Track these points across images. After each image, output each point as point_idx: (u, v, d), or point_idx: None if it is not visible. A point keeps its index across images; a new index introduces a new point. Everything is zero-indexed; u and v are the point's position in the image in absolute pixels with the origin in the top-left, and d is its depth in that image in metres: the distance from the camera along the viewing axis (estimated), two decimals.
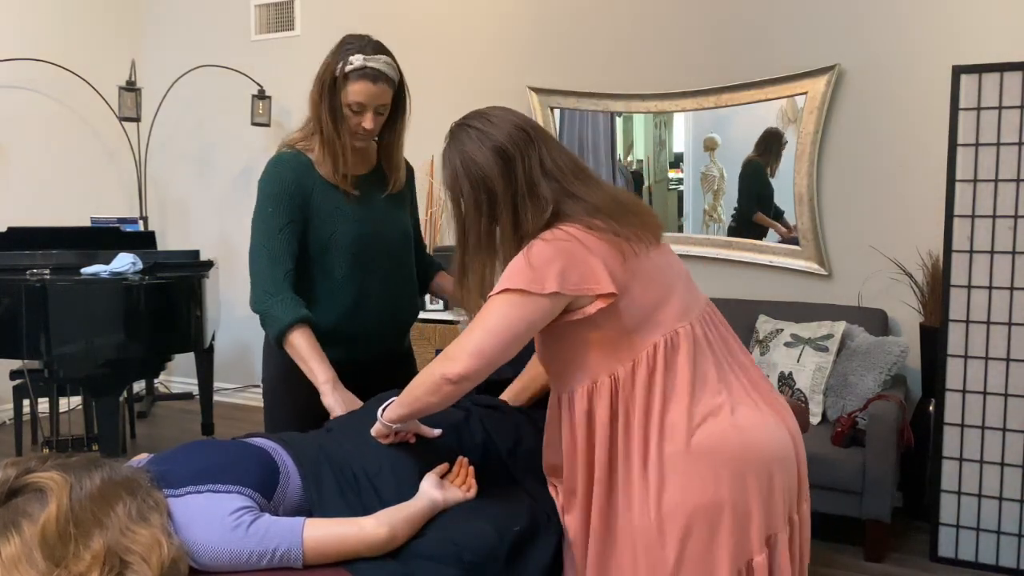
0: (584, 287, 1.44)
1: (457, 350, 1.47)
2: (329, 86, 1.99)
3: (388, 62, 1.97)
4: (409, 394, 1.57)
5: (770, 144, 3.75)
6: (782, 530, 1.51)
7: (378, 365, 2.14)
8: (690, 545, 1.44)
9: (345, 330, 2.07)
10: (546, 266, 1.43)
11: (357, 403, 1.92)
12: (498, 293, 1.47)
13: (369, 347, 2.12)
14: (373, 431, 1.67)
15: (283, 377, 2.06)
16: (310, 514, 1.56)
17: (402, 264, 2.16)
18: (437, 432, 1.72)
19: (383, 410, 1.64)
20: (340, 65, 1.97)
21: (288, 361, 1.98)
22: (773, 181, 3.76)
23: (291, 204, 2.00)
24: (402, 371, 2.21)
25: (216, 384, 5.18)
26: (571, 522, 1.60)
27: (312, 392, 1.93)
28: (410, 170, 2.26)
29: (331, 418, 1.89)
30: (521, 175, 1.52)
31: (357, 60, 1.95)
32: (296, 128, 2.18)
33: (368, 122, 1.97)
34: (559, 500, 1.64)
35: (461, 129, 1.61)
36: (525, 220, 1.51)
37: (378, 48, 1.98)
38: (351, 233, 2.04)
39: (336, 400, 1.89)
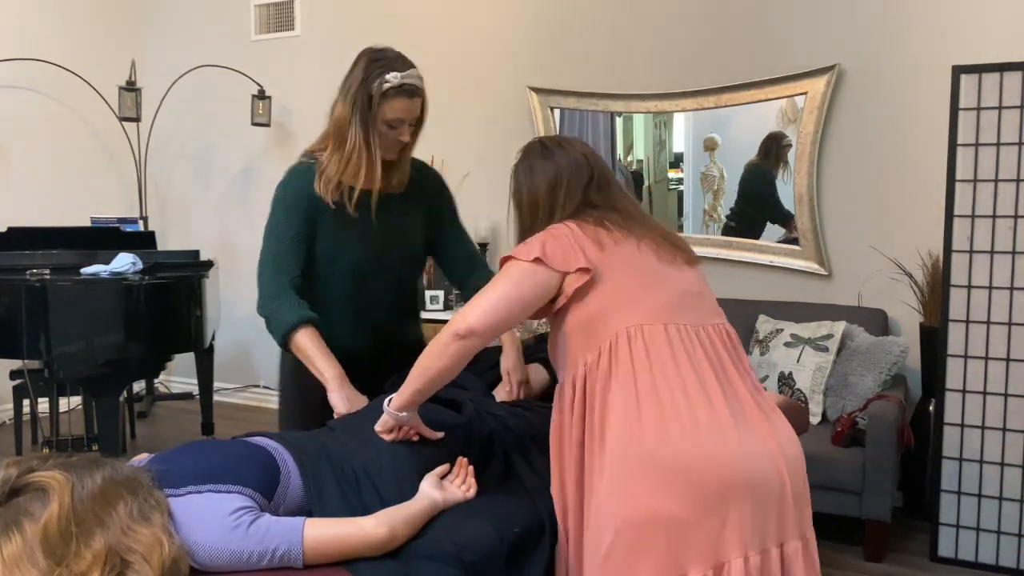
0: (561, 260, 1.55)
1: (463, 312, 1.57)
2: (364, 105, 1.95)
3: (418, 75, 1.99)
4: (418, 367, 1.61)
5: (770, 147, 3.75)
6: (737, 558, 1.41)
7: (379, 380, 2.13)
8: (616, 551, 1.43)
9: (345, 346, 2.07)
10: (534, 242, 1.60)
11: (362, 401, 1.92)
12: (502, 266, 1.62)
13: (370, 362, 2.12)
14: (378, 424, 1.69)
15: (296, 376, 2.09)
16: (311, 514, 1.56)
17: (404, 284, 2.18)
18: (440, 435, 1.72)
19: (390, 400, 1.65)
20: (376, 84, 1.93)
21: (300, 363, 2.01)
22: (780, 184, 3.76)
23: (302, 215, 2.04)
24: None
25: (216, 384, 5.17)
26: (558, 519, 1.63)
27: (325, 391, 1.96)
28: (438, 178, 2.25)
29: (335, 416, 1.89)
30: (562, 198, 1.70)
31: (394, 78, 1.92)
32: (291, 129, 2.17)
33: (405, 135, 2.00)
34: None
35: (539, 148, 1.83)
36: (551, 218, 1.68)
37: (407, 62, 1.98)
38: (356, 252, 2.05)
39: (340, 398, 1.91)
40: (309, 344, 1.95)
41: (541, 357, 2.16)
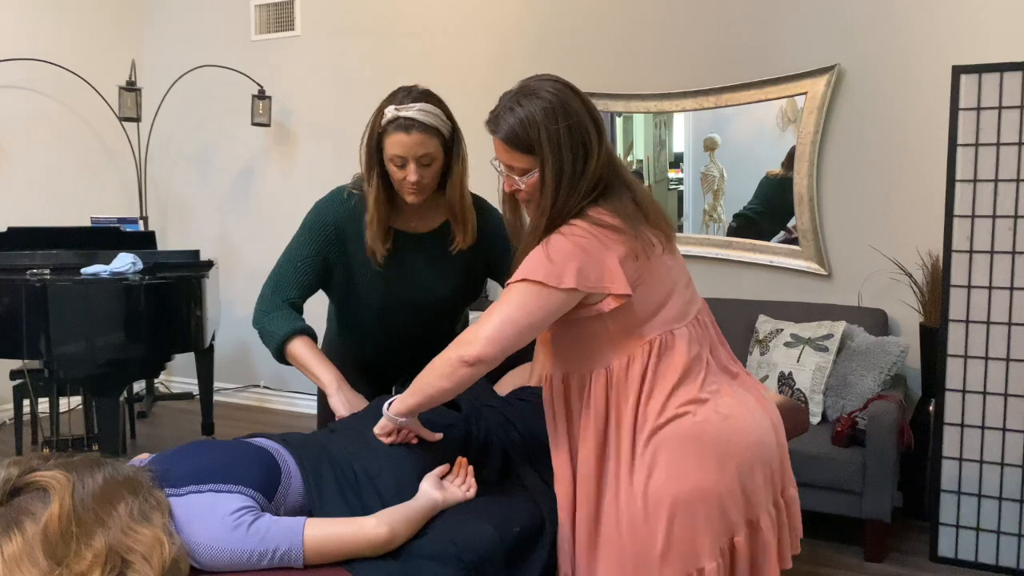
0: (600, 285, 1.47)
1: (473, 335, 1.49)
2: (376, 142, 1.89)
3: (424, 109, 1.84)
4: (420, 380, 1.57)
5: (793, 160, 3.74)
6: (764, 514, 1.56)
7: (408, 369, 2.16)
8: (675, 530, 1.48)
9: (364, 362, 2.10)
10: (565, 262, 1.46)
11: (362, 402, 1.93)
12: (517, 282, 1.49)
13: (398, 368, 2.15)
14: (377, 428, 1.68)
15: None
16: (311, 514, 1.56)
17: (434, 329, 2.12)
18: (438, 436, 1.72)
19: (389, 405, 1.64)
20: (378, 118, 1.87)
21: (340, 355, 2.05)
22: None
23: (324, 242, 1.98)
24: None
25: (216, 384, 5.18)
26: (560, 511, 1.64)
27: (368, 387, 2.00)
28: (497, 216, 2.08)
29: (335, 419, 1.91)
30: (603, 153, 1.54)
31: (390, 112, 1.84)
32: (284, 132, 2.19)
33: (412, 175, 1.85)
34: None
35: (549, 84, 1.53)
36: (579, 195, 1.51)
37: (418, 97, 1.85)
38: (380, 293, 2.02)
39: (340, 401, 1.91)
40: (303, 352, 1.94)
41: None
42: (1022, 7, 3.28)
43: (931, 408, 3.23)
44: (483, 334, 1.48)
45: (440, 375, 1.53)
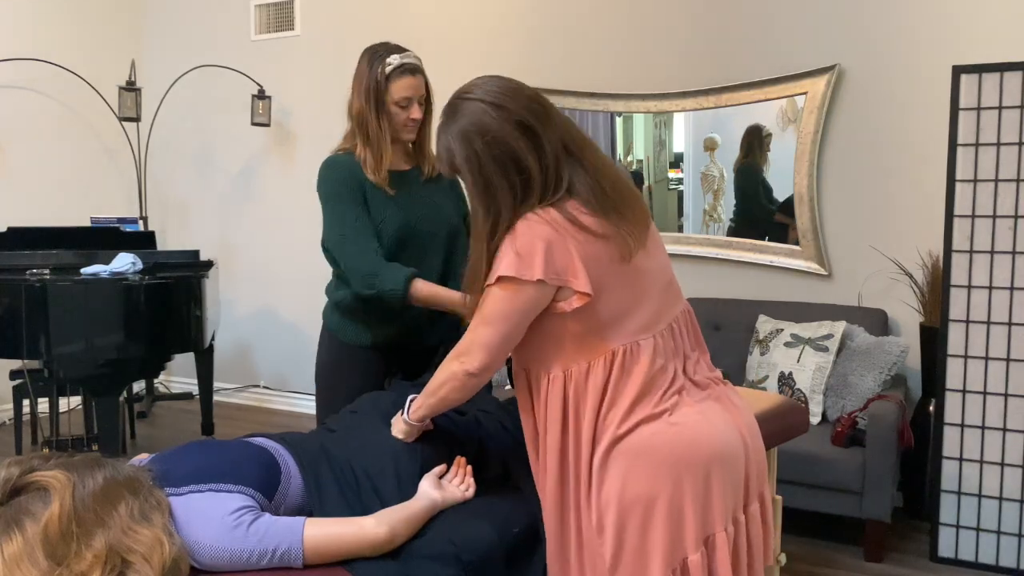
0: (564, 278, 1.45)
1: (468, 344, 1.52)
2: (374, 91, 2.12)
3: (416, 56, 2.15)
4: (434, 394, 1.61)
5: (752, 143, 3.76)
6: (720, 530, 1.50)
7: (429, 339, 2.27)
8: (625, 538, 1.47)
9: (398, 312, 2.18)
10: (531, 254, 1.43)
11: None
12: (492, 284, 1.48)
13: (418, 322, 2.23)
14: (397, 431, 1.71)
15: (335, 364, 2.24)
16: (311, 514, 1.56)
17: (451, 255, 2.26)
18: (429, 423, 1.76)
19: (407, 411, 1.68)
20: (380, 69, 2.11)
21: (340, 348, 2.19)
22: (768, 177, 3.76)
23: (353, 196, 2.14)
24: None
25: (216, 384, 5.18)
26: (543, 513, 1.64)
27: (364, 377, 2.15)
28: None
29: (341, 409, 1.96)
30: (549, 151, 1.47)
31: (395, 60, 2.11)
32: (288, 130, 2.25)
33: (416, 112, 2.14)
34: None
35: (468, 103, 1.49)
36: (539, 197, 1.47)
37: (402, 47, 2.16)
38: (396, 221, 2.15)
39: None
40: (426, 287, 2.06)
41: None
42: (1022, 7, 3.28)
43: (931, 408, 3.23)
44: (477, 343, 1.50)
45: (452, 389, 1.57)
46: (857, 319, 3.44)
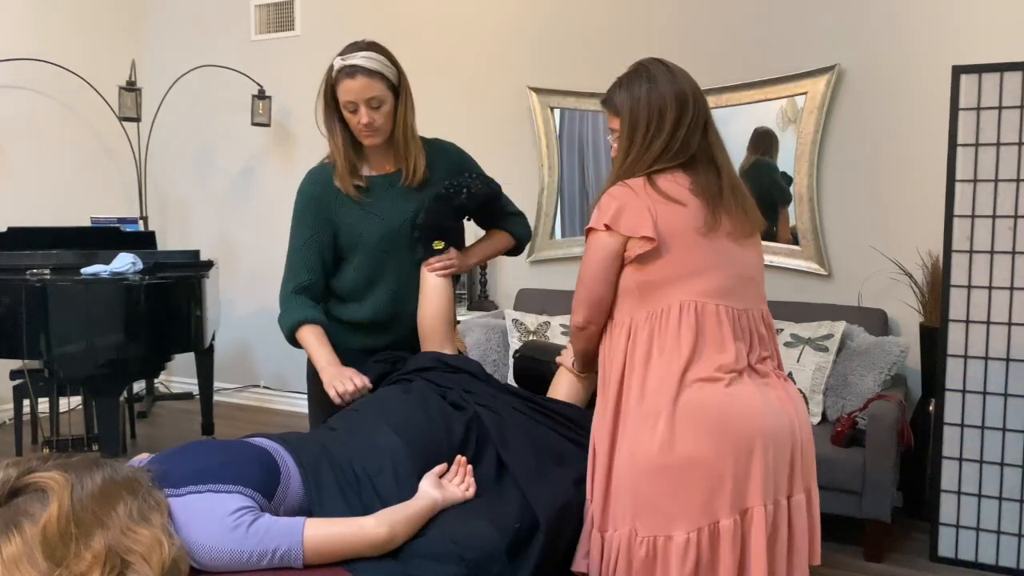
0: (630, 228, 1.63)
1: (574, 302, 1.75)
2: (326, 97, 2.10)
3: (367, 56, 2.02)
4: (573, 348, 1.89)
5: (769, 142, 3.75)
6: (759, 504, 1.56)
7: (408, 348, 2.25)
8: (660, 489, 1.56)
9: (382, 319, 2.19)
10: (606, 208, 1.67)
11: (351, 373, 2.01)
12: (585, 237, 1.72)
13: (401, 332, 2.23)
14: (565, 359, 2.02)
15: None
16: (311, 514, 1.56)
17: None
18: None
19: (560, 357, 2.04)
20: (329, 74, 2.08)
21: (339, 340, 2.16)
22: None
23: (314, 217, 2.13)
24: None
25: (216, 384, 5.18)
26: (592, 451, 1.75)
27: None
28: (450, 149, 2.28)
29: (330, 398, 1.98)
30: (688, 124, 1.68)
31: (336, 63, 2.04)
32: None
33: (364, 117, 2.03)
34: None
35: (663, 67, 1.73)
36: (650, 157, 1.69)
37: (363, 47, 2.04)
38: (377, 232, 2.13)
39: (330, 375, 2.02)
40: (308, 340, 2.09)
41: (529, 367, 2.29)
42: (1022, 7, 3.28)
43: (931, 408, 3.22)
44: (575, 300, 1.74)
45: (574, 340, 1.81)
46: (857, 319, 3.43)
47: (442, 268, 2.14)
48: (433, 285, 2.15)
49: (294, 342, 2.12)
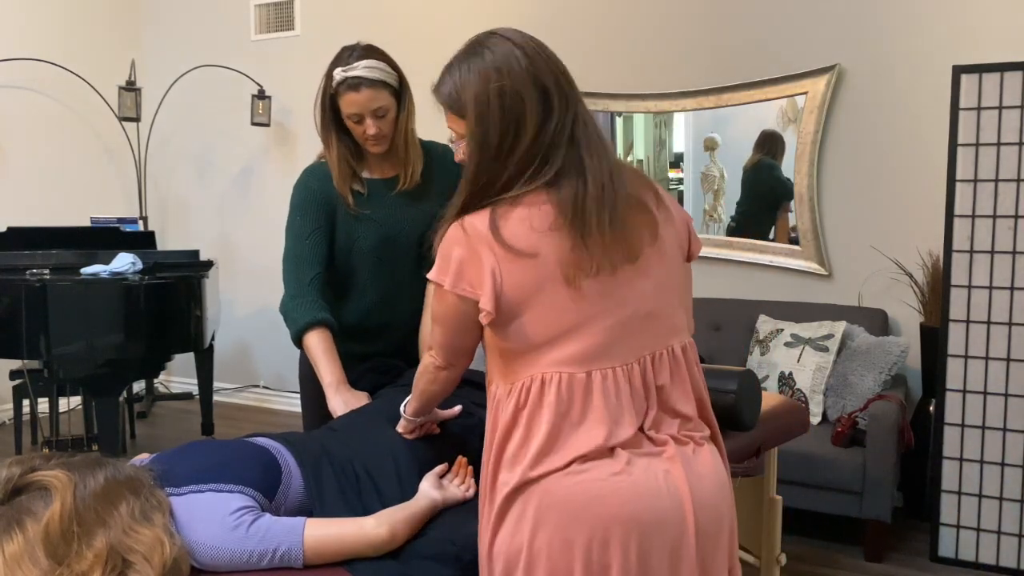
0: (471, 291, 1.30)
1: (431, 340, 1.46)
2: (328, 104, 2.03)
3: (369, 65, 1.96)
4: (416, 386, 1.60)
5: (775, 143, 3.75)
6: None
7: (401, 356, 2.21)
8: None
9: (370, 326, 2.16)
10: (447, 259, 1.32)
11: (361, 402, 1.93)
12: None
13: (392, 340, 2.20)
14: (399, 427, 1.71)
15: (313, 375, 2.13)
16: (311, 514, 1.56)
17: (424, 261, 2.20)
18: (457, 409, 1.75)
19: (405, 406, 1.68)
20: (328, 83, 2.00)
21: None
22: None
23: (318, 211, 2.08)
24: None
25: (216, 384, 5.18)
26: None
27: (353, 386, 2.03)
28: (443, 153, 2.25)
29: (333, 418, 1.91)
30: (552, 128, 1.30)
31: (338, 74, 1.97)
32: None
33: (370, 128, 1.99)
34: None
35: (499, 41, 1.33)
36: (504, 175, 1.30)
37: (361, 55, 1.98)
38: (372, 237, 2.10)
39: (339, 403, 1.93)
40: (316, 346, 1.99)
41: None
42: (1022, 7, 3.28)
43: (931, 408, 3.23)
44: (435, 341, 1.44)
45: (427, 381, 1.54)
46: (857, 319, 3.44)
47: None
48: None
49: (300, 342, 2.04)
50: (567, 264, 1.28)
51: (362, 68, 1.94)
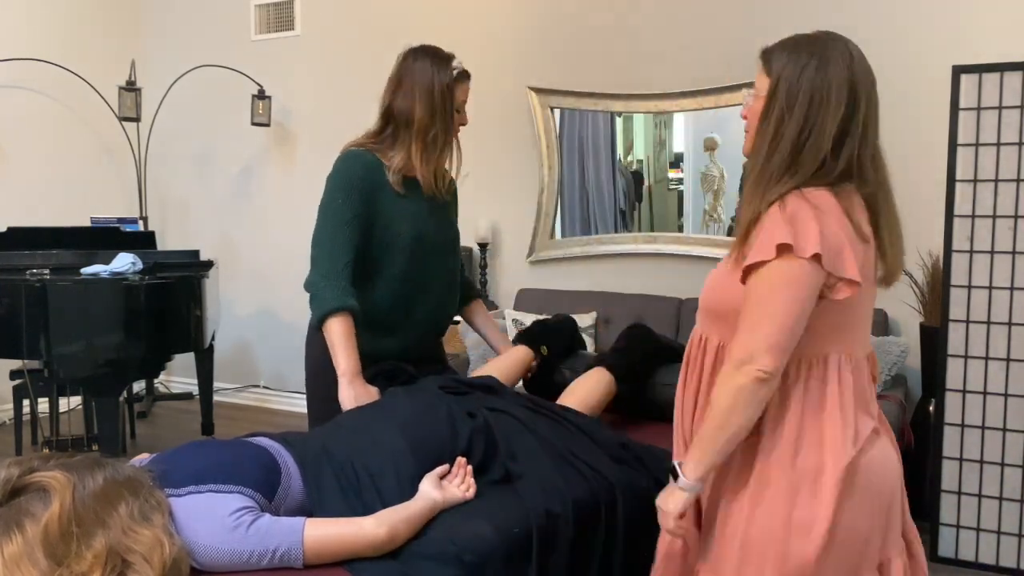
0: (839, 261, 1.32)
1: (749, 348, 1.32)
2: (446, 97, 2.13)
3: None
4: (722, 428, 1.36)
5: None
6: (896, 556, 1.46)
7: (416, 356, 2.23)
8: (809, 562, 1.36)
9: (394, 322, 2.17)
10: (806, 225, 1.31)
11: (372, 398, 1.94)
12: (760, 266, 1.32)
13: (414, 339, 2.23)
14: (673, 504, 1.43)
15: (323, 369, 2.11)
16: (311, 514, 1.56)
17: (451, 267, 2.29)
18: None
19: (677, 470, 1.43)
20: (447, 73, 2.14)
21: (327, 352, 2.06)
22: None
23: (360, 198, 2.09)
24: (438, 364, 2.35)
25: (216, 384, 5.17)
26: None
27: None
28: (452, 182, 2.35)
29: (343, 411, 1.92)
30: (859, 120, 1.38)
31: (457, 64, 2.17)
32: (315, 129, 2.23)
33: (466, 117, 2.21)
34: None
35: (841, 45, 1.44)
36: (820, 164, 1.37)
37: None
38: (411, 233, 2.14)
39: (349, 396, 1.95)
40: (338, 332, 2.00)
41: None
42: (1022, 7, 3.28)
43: (931, 408, 3.23)
44: (762, 345, 1.31)
45: (743, 408, 1.34)
46: None
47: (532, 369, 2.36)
48: (518, 359, 2.29)
49: (321, 325, 2.03)
50: (873, 257, 1.42)
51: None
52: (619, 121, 4.11)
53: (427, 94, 2.10)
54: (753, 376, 1.32)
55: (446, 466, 1.68)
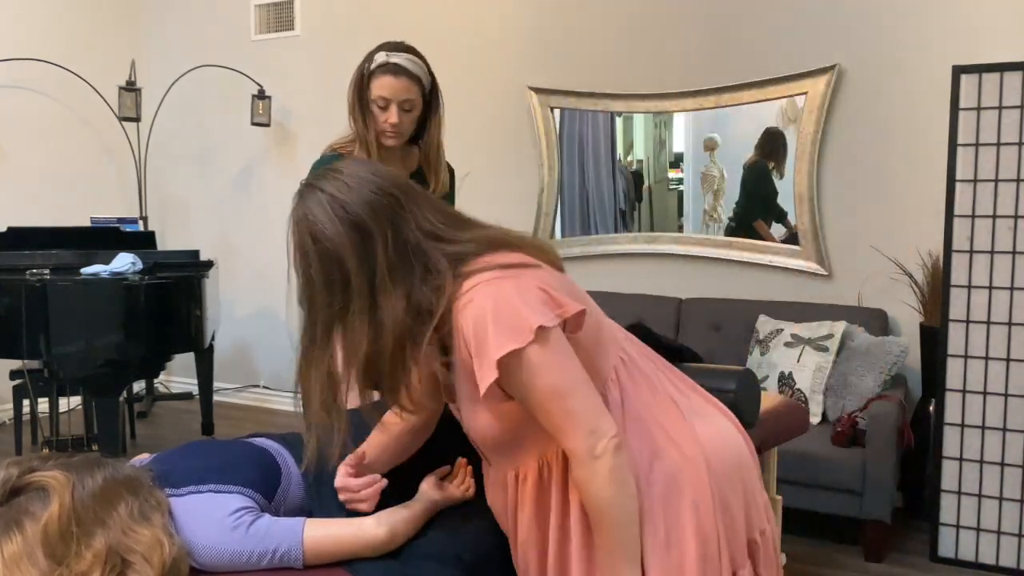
0: (557, 309, 1.23)
1: (585, 429, 1.21)
2: (358, 85, 2.07)
3: (411, 59, 2.04)
4: (618, 524, 1.23)
5: (775, 145, 3.75)
6: (767, 524, 1.44)
7: None
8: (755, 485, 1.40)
9: None
10: (531, 298, 1.21)
11: (371, 397, 1.94)
12: (505, 359, 1.18)
13: None
14: None
15: None
16: (311, 514, 1.56)
17: None
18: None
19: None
20: (367, 64, 2.06)
21: None
22: (779, 183, 3.76)
23: None
24: None
25: (216, 384, 5.18)
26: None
27: None
28: (451, 172, 2.29)
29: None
30: (381, 253, 1.22)
31: (380, 57, 2.03)
32: (289, 125, 2.21)
33: (392, 116, 2.03)
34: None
35: (311, 191, 1.26)
36: (409, 295, 1.22)
37: (405, 48, 2.06)
38: None
39: (352, 394, 1.93)
40: None
41: None
42: (1022, 7, 3.28)
43: (931, 408, 3.23)
44: (588, 416, 1.21)
45: (620, 481, 1.22)
46: (857, 319, 3.43)
47: None
48: None
49: None
50: (559, 270, 1.38)
51: (403, 58, 2.02)
52: (619, 121, 4.11)
53: (350, 86, 2.08)
54: (611, 448, 1.21)
55: (446, 467, 1.69)
